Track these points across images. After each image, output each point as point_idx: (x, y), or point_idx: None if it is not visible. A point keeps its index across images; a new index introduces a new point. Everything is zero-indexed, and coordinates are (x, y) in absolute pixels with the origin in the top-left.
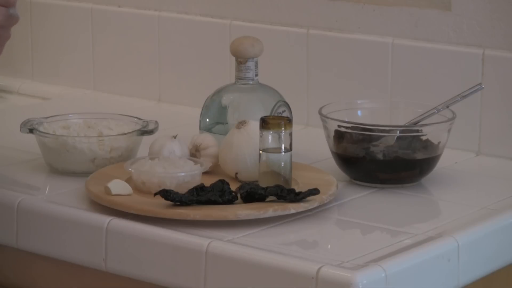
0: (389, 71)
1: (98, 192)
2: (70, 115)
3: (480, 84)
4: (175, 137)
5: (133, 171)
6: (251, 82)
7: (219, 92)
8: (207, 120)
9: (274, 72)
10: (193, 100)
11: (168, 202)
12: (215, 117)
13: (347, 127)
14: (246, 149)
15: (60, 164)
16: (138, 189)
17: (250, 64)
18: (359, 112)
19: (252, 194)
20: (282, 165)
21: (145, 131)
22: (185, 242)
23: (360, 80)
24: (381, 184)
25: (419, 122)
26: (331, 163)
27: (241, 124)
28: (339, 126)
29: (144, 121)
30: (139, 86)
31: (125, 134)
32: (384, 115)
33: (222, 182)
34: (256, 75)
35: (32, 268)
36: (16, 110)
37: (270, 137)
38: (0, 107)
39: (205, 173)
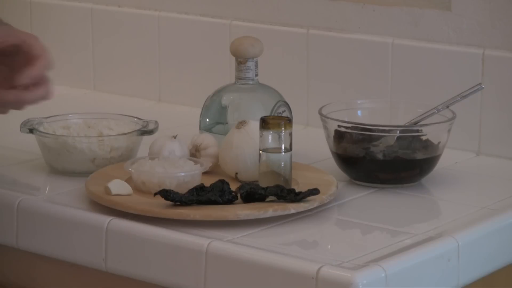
0: (389, 71)
1: (98, 192)
2: (70, 115)
3: (480, 84)
4: (175, 137)
5: (133, 171)
6: (251, 82)
7: (219, 92)
8: (207, 120)
9: (274, 72)
10: (193, 100)
11: (168, 202)
12: (215, 117)
13: (347, 127)
14: (246, 149)
15: (60, 164)
16: (138, 189)
17: (250, 64)
18: (359, 112)
19: (252, 194)
20: (282, 165)
21: (145, 131)
22: (185, 242)
23: (360, 80)
24: (381, 184)
25: (419, 122)
26: (331, 163)
27: (241, 124)
28: (339, 126)
29: (144, 121)
30: (139, 86)
31: (125, 134)
32: (384, 115)
33: (222, 182)
34: (256, 75)
35: (32, 268)
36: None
37: (270, 137)
38: None
39: (205, 173)
